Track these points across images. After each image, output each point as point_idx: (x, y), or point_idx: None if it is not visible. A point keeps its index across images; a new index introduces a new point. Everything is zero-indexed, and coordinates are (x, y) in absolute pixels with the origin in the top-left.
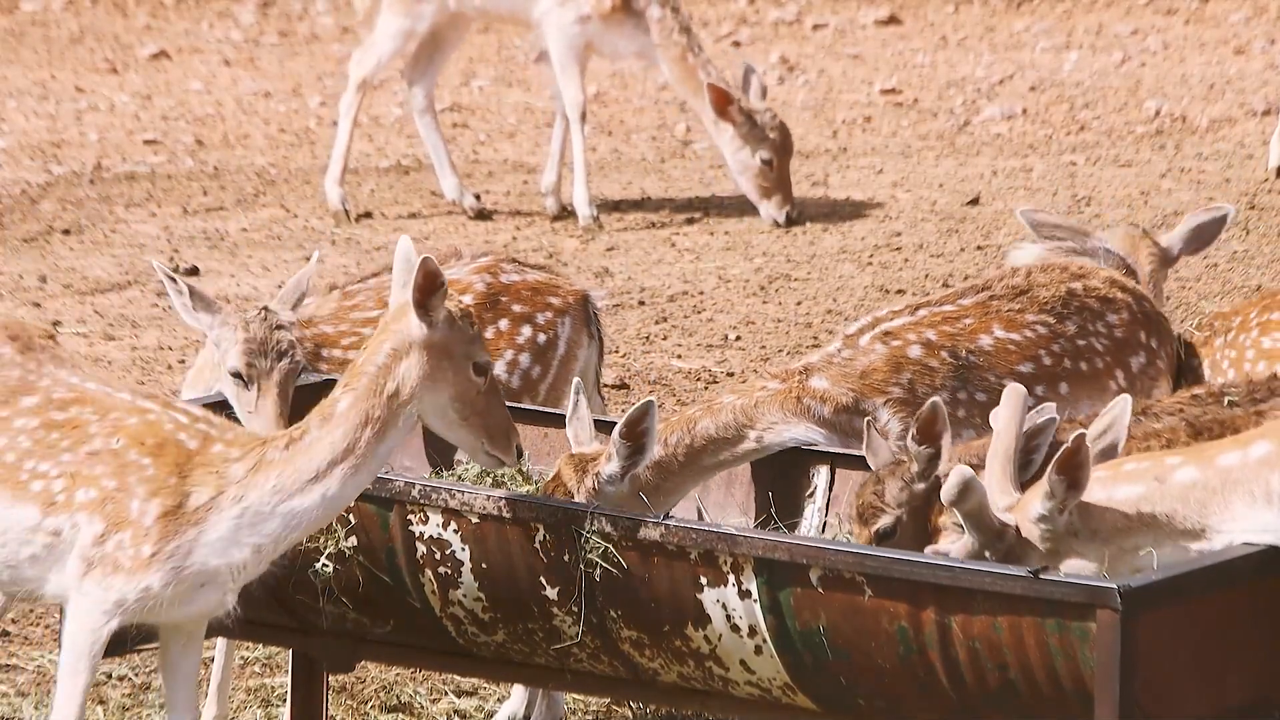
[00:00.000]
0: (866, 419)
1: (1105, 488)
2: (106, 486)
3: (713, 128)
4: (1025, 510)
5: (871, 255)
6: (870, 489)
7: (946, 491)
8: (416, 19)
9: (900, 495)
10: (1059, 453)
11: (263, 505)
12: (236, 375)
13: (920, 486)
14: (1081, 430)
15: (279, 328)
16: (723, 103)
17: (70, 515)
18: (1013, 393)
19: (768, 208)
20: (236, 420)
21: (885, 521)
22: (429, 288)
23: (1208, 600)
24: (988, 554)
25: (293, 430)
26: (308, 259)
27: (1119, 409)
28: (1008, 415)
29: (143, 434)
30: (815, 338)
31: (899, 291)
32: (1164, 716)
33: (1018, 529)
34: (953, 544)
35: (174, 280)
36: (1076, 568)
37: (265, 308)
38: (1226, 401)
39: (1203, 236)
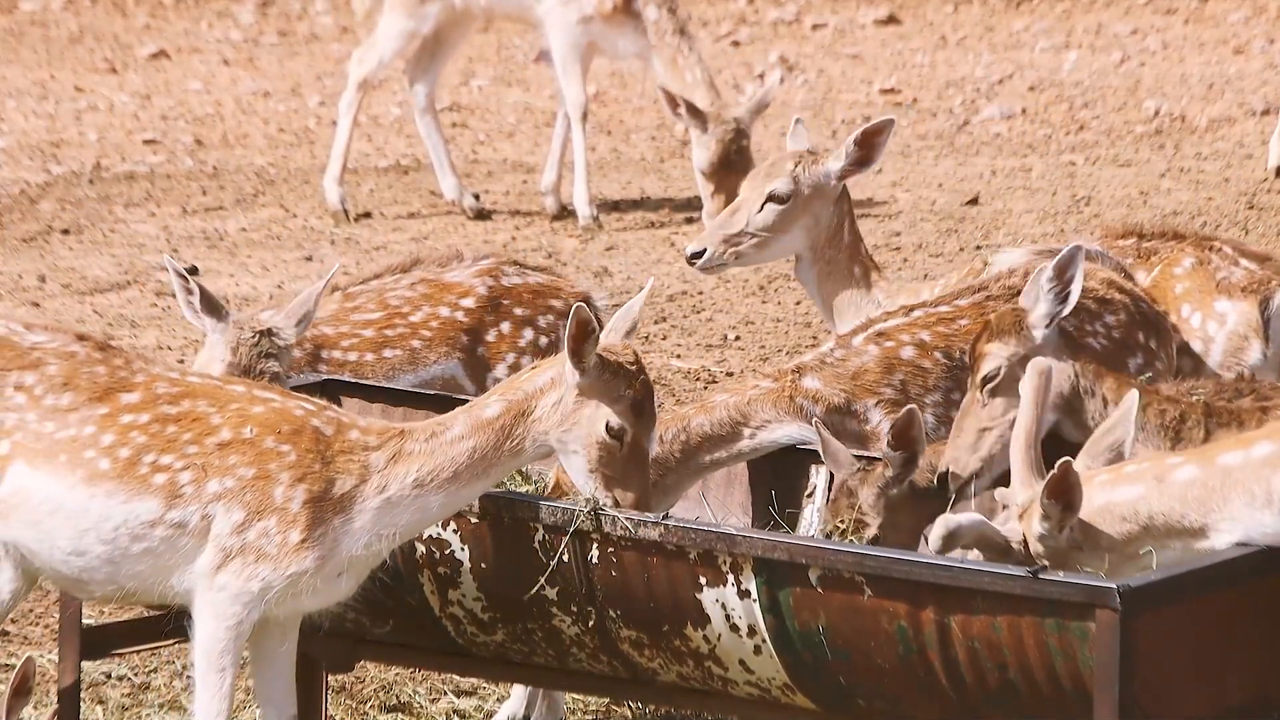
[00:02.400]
0: (815, 420)
1: (1106, 492)
2: (244, 475)
3: None
4: (1028, 526)
5: (871, 255)
6: (844, 502)
7: (933, 545)
8: (421, 20)
9: (877, 503)
10: (1047, 479)
11: (401, 496)
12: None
13: (894, 492)
14: (1066, 459)
15: (268, 355)
16: (671, 106)
17: (201, 506)
18: (1036, 369)
19: (705, 212)
20: None
21: (870, 535)
22: (580, 335)
23: (1208, 600)
24: None
25: (434, 424)
26: (308, 259)
27: (1126, 406)
28: (1030, 395)
29: (276, 421)
30: (815, 338)
31: None
32: (1164, 716)
33: (1025, 540)
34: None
35: (185, 279)
36: None
37: (265, 331)
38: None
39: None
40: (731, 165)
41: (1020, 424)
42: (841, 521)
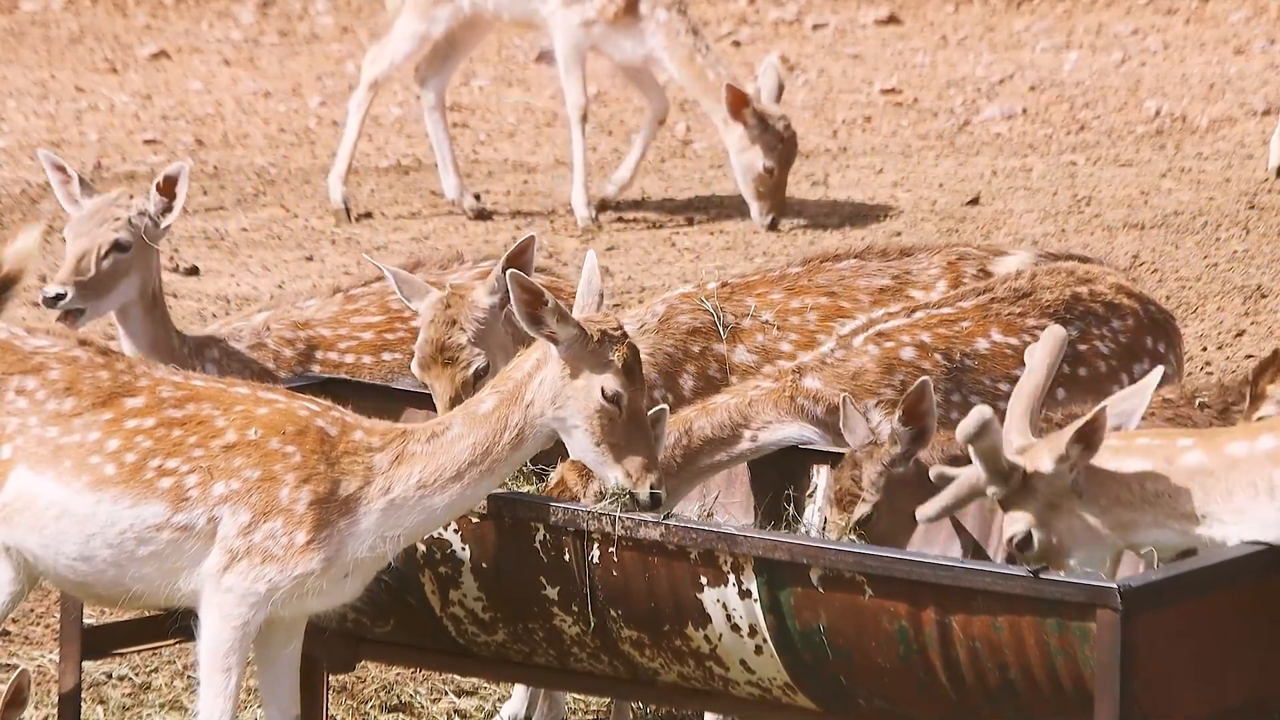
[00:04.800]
0: (843, 395)
1: (1116, 458)
2: (249, 477)
3: (722, 126)
4: (1035, 462)
5: None
6: (848, 473)
7: (963, 429)
8: (432, 23)
9: (878, 480)
10: (1081, 421)
11: (406, 498)
12: (65, 242)
13: (900, 470)
14: (1104, 404)
15: (119, 206)
16: (738, 104)
17: (207, 509)
18: (1052, 334)
19: (757, 210)
20: None
21: (863, 510)
22: (529, 300)
23: (1208, 600)
24: (990, 491)
25: (434, 425)
26: (308, 258)
27: (1149, 380)
28: (1042, 356)
29: (280, 423)
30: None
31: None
32: (1164, 716)
33: (1024, 474)
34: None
35: (63, 170)
36: (1072, 528)
37: (128, 193)
38: (1198, 404)
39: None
40: (789, 162)
41: (1026, 381)
42: (840, 489)
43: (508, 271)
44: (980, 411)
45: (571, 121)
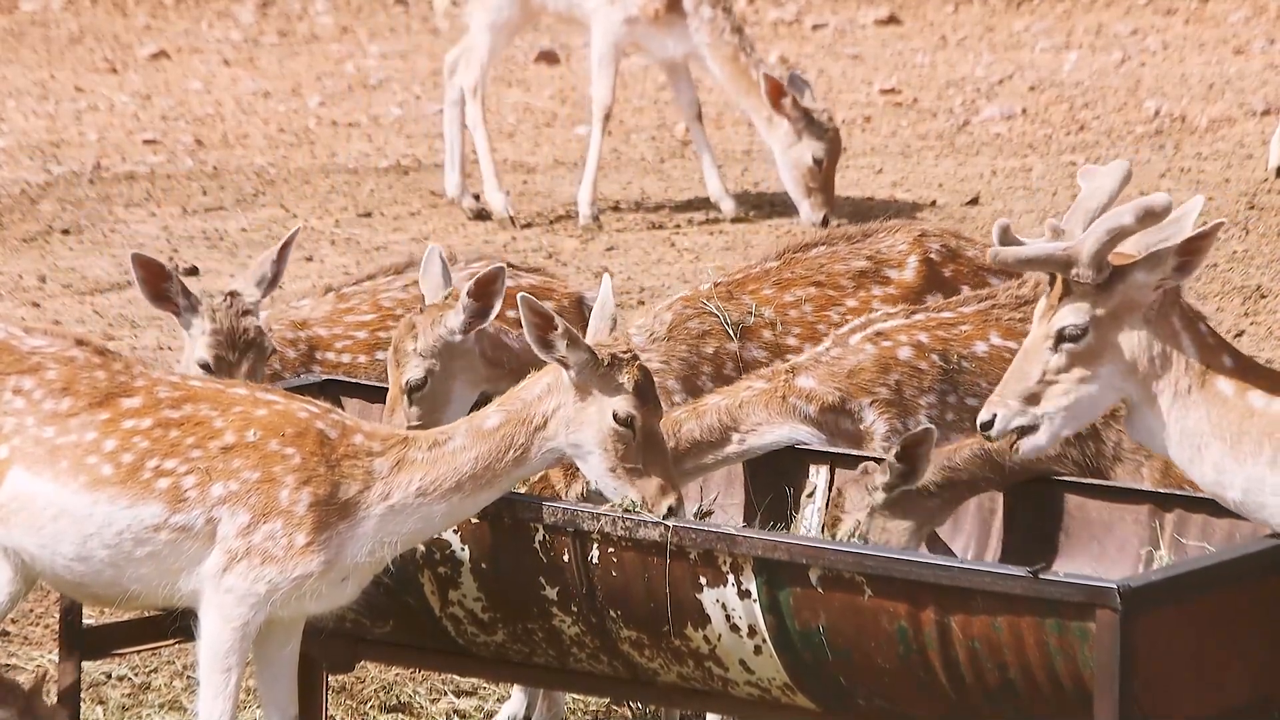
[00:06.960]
0: (862, 467)
1: (1240, 390)
2: (249, 478)
3: (764, 125)
4: (1128, 265)
5: None
6: (834, 500)
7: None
8: (498, 12)
9: (859, 501)
10: (1191, 235)
11: (405, 504)
12: (204, 366)
13: (880, 496)
14: (1220, 221)
15: (245, 313)
16: (777, 95)
17: (205, 510)
18: (1118, 166)
19: (807, 207)
20: None
21: (846, 529)
22: (540, 324)
23: (1208, 600)
24: (1074, 272)
25: (437, 434)
26: (308, 259)
27: (1190, 206)
28: (1108, 183)
29: (279, 424)
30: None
31: None
32: (1164, 716)
33: (1113, 273)
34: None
35: (162, 268)
36: (1117, 348)
37: (231, 293)
38: None
39: None
40: (837, 153)
41: (1090, 199)
42: (830, 516)
43: (519, 295)
44: (999, 224)
45: (594, 118)
